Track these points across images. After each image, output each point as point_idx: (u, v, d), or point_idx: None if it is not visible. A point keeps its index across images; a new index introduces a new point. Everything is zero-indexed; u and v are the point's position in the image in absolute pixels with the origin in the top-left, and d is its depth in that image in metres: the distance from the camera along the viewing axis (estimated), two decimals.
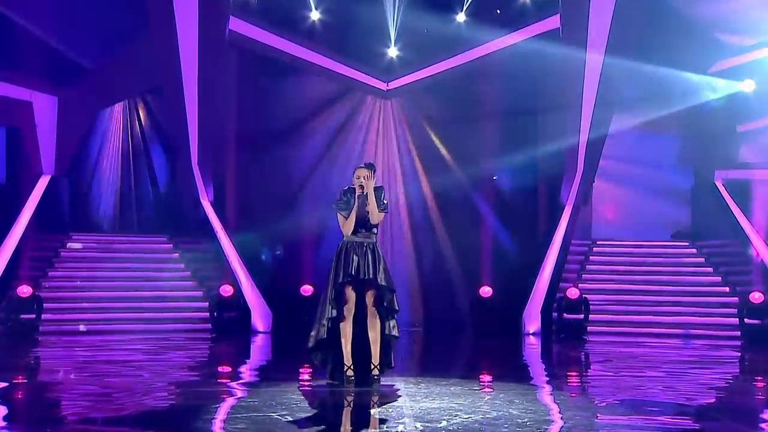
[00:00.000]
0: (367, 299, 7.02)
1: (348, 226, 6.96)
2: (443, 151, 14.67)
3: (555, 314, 12.92)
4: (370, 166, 7.08)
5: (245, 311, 13.01)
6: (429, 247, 14.59)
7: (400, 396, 6.67)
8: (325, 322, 6.94)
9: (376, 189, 7.09)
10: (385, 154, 14.73)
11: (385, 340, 7.15)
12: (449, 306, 14.43)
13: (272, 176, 14.42)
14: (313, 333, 7.01)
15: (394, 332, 7.12)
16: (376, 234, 7.06)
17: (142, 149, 15.60)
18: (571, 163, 13.58)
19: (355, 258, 6.92)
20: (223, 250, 13.50)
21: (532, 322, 12.95)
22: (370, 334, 7.06)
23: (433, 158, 14.70)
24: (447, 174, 14.55)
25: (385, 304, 7.02)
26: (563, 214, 13.59)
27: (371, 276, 6.93)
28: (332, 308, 6.91)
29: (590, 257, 14.16)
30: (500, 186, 14.27)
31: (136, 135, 15.63)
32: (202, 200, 13.80)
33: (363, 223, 6.99)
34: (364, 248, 6.99)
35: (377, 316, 7.05)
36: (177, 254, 13.95)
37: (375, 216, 6.94)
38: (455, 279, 14.46)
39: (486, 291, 13.44)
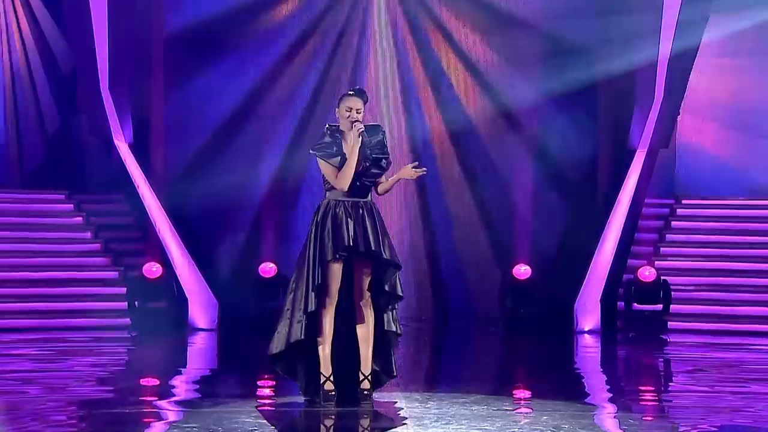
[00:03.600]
0: (362, 281, 7.12)
1: (345, 177, 7.05)
2: (461, 70, 14.62)
3: (621, 304, 12.97)
4: (362, 94, 7.18)
5: (180, 300, 13.10)
6: (440, 209, 14.71)
7: (401, 419, 6.72)
8: (301, 317, 6.99)
9: (372, 131, 7.18)
10: (377, 75, 14.69)
11: (385, 340, 7.22)
12: (470, 292, 14.53)
13: (218, 106, 14.41)
14: (281, 331, 7.07)
15: (395, 327, 7.20)
16: (371, 190, 7.22)
17: (26, 69, 15.46)
18: (646, 88, 13.50)
19: (350, 224, 7.01)
20: (148, 213, 13.50)
21: (589, 314, 13.03)
22: (360, 331, 7.14)
23: (447, 82, 14.68)
24: (467, 105, 14.58)
25: (386, 287, 7.11)
26: (633, 162, 13.54)
27: (373, 248, 7.01)
28: (315, 298, 6.98)
29: (672, 223, 14.15)
30: (543, 123, 14.33)
31: (16, 48, 15.45)
32: (116, 141, 13.71)
33: (357, 175, 7.12)
34: (360, 210, 7.10)
35: (371, 306, 7.13)
36: (80, 218, 13.93)
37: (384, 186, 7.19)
38: (479, 254, 14.53)
39: (522, 271, 13.51)
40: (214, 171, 14.09)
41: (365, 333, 7.12)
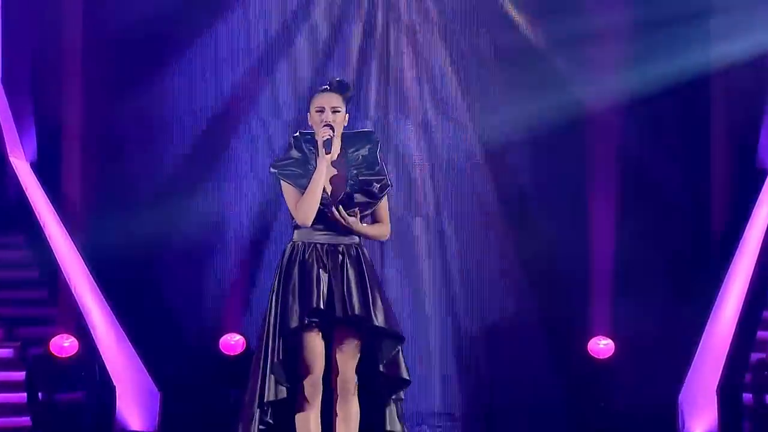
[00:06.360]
0: (345, 361, 7.21)
1: (304, 207, 7.18)
2: (497, 59, 14.46)
3: (748, 396, 12.69)
4: (342, 88, 7.34)
5: (104, 390, 13.03)
6: (477, 259, 14.54)
7: None
8: (255, 412, 7.16)
9: (356, 141, 7.35)
10: (387, 66, 14.54)
11: None
12: (524, 377, 14.23)
13: (161, 111, 14.31)
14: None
15: (400, 428, 7.25)
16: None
17: None
18: None
19: (323, 276, 7.14)
20: (57, 263, 13.42)
21: (700, 410, 12.92)
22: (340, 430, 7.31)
23: (483, 77, 14.50)
24: (513, 111, 14.33)
25: (381, 367, 7.21)
26: (764, 188, 13.53)
27: (357, 311, 7.08)
28: (276, 382, 7.14)
29: None
30: (625, 131, 14.19)
31: None
32: (11, 158, 13.65)
33: (333, 206, 7.34)
34: (340, 256, 7.23)
35: (355, 394, 7.21)
36: None
37: (383, 230, 7.44)
38: (535, 323, 14.31)
39: (602, 347, 13.31)
40: (154, 203, 13.93)
41: None
